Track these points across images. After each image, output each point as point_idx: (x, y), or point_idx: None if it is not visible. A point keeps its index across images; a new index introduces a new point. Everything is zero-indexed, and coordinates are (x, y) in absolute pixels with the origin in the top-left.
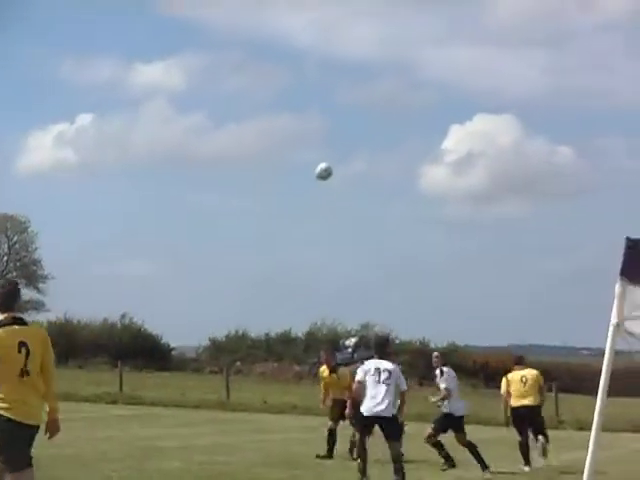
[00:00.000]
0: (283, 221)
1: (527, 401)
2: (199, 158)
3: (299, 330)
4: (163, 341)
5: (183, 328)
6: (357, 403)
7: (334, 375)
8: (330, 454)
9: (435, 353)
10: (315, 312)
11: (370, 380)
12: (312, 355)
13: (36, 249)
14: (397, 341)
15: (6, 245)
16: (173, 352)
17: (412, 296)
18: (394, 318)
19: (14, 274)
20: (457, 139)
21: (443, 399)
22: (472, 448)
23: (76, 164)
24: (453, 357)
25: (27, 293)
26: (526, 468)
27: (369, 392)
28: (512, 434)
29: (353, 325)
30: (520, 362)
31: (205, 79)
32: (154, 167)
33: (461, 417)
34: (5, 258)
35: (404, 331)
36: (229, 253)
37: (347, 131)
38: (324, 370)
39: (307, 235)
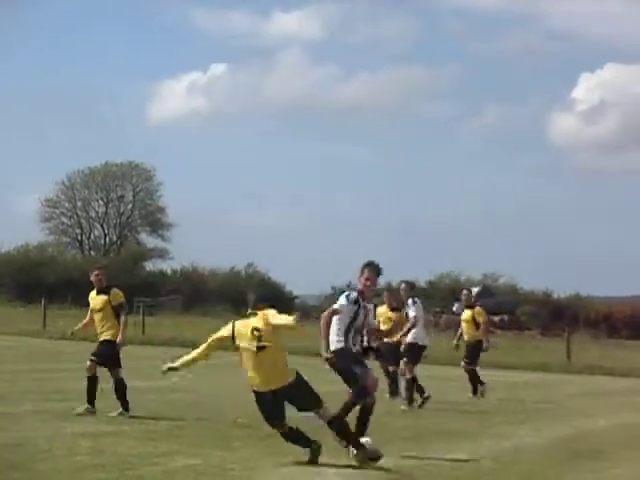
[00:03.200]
0: (411, 172)
1: None
2: (331, 108)
3: (422, 279)
4: (286, 289)
5: (307, 277)
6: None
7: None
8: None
9: (402, 285)
10: (437, 263)
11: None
12: (434, 304)
13: (160, 197)
14: (520, 291)
15: (131, 193)
16: (296, 300)
17: (537, 246)
18: (518, 268)
19: (138, 222)
20: (587, 88)
21: (411, 327)
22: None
23: (208, 113)
24: (576, 307)
25: (151, 241)
26: None
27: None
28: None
29: (476, 275)
30: None
31: (340, 29)
32: (286, 117)
33: (423, 347)
34: (130, 206)
35: (527, 281)
36: (356, 203)
37: (477, 82)
38: (385, 312)
39: (435, 187)
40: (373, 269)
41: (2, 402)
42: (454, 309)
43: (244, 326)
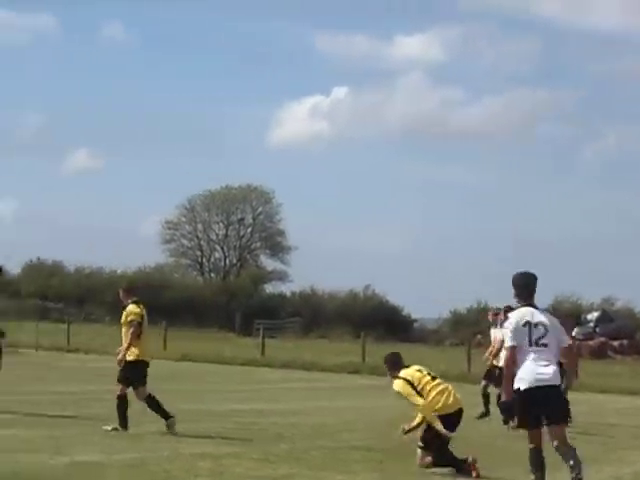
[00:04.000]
0: (527, 195)
1: None
2: (452, 131)
3: (543, 304)
4: (404, 312)
5: (424, 300)
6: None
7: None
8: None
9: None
10: (555, 286)
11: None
12: None
13: (280, 220)
14: (638, 315)
15: (250, 216)
16: (414, 324)
17: None
18: (635, 292)
19: (258, 244)
20: None
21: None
22: None
23: (329, 136)
24: None
25: (271, 264)
26: None
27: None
28: None
29: (595, 299)
30: None
31: (461, 51)
32: (407, 140)
33: None
34: (250, 229)
35: None
36: (470, 227)
37: (599, 104)
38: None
39: (551, 210)
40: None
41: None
42: (573, 334)
43: None
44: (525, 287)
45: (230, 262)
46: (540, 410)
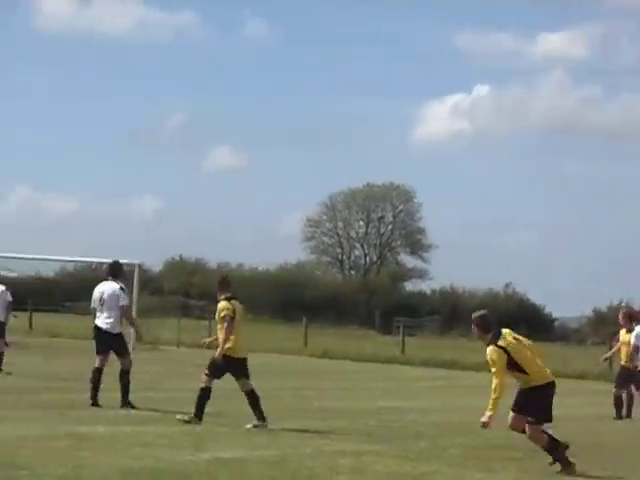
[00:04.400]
0: None
1: None
2: (594, 130)
3: None
4: (546, 311)
5: (566, 298)
6: None
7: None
8: None
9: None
10: None
11: None
12: None
13: (420, 218)
14: None
15: (391, 214)
16: (555, 322)
17: None
18: None
19: (398, 242)
20: None
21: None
22: None
23: (471, 135)
24: None
25: (411, 261)
26: None
27: None
28: None
29: None
30: None
31: (604, 49)
32: (548, 138)
33: None
34: (390, 226)
35: None
36: (612, 225)
37: None
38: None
39: None
40: None
41: None
42: None
43: None
44: None
45: (370, 260)
46: None
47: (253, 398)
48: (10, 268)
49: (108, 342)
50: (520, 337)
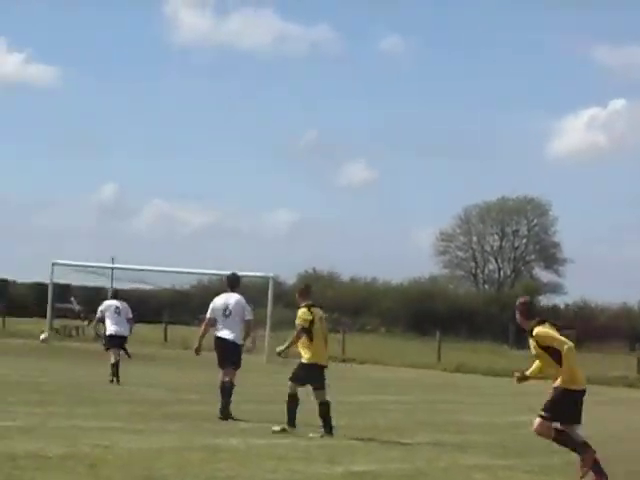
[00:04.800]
0: None
1: None
2: None
3: None
4: None
5: None
6: None
7: None
8: None
9: None
10: None
11: None
12: None
13: (555, 232)
14: None
15: (525, 227)
16: None
17: None
18: None
19: (532, 256)
20: None
21: None
22: None
23: (607, 149)
24: None
25: (545, 276)
26: None
27: None
28: None
29: None
30: None
31: None
32: None
33: None
34: (524, 240)
35: None
36: None
37: None
38: None
39: None
40: None
41: (398, 433)
42: None
43: None
44: None
45: (504, 274)
46: None
47: (325, 408)
48: (145, 281)
49: (232, 353)
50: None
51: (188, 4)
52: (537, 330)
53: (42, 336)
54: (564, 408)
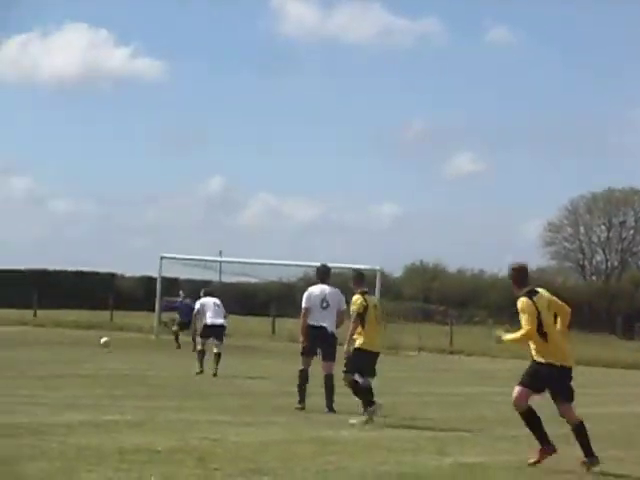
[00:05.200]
0: None
1: None
2: None
3: None
4: None
5: None
6: None
7: None
8: None
9: None
10: None
11: None
12: None
13: None
14: None
15: (633, 218)
16: None
17: None
18: None
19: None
20: None
21: None
22: None
23: None
24: None
25: None
26: None
27: None
28: None
29: None
30: None
31: None
32: None
33: None
34: (632, 231)
35: None
36: None
37: None
38: None
39: None
40: None
41: (505, 424)
42: None
43: None
44: None
45: (611, 265)
46: None
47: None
48: (250, 274)
49: (330, 344)
50: (559, 303)
51: None
52: (519, 301)
53: (103, 339)
54: (537, 379)
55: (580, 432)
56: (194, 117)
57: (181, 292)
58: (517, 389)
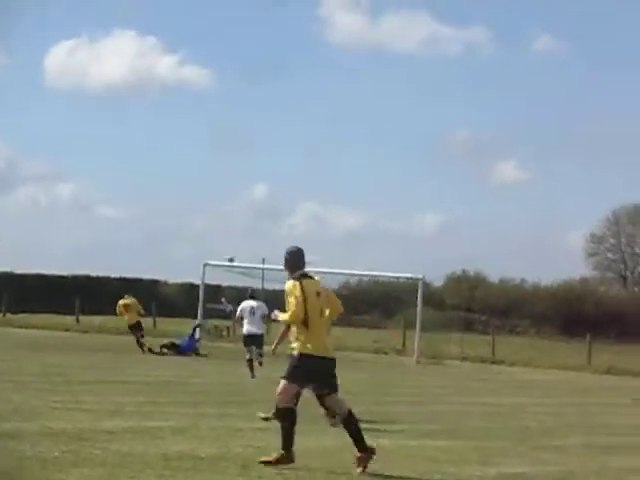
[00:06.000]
0: None
1: None
2: None
3: None
4: None
5: None
6: None
7: None
8: None
9: None
10: None
11: None
12: None
13: None
14: None
15: None
16: None
17: None
18: None
19: None
20: None
21: None
22: None
23: None
24: None
25: None
26: None
27: None
28: None
29: None
30: None
31: None
32: None
33: None
34: None
35: None
36: None
37: None
38: None
39: None
40: None
41: (549, 435)
42: None
43: None
44: None
45: None
46: None
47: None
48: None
49: None
50: (333, 298)
51: (342, 6)
52: (287, 284)
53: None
54: (303, 373)
55: (350, 422)
56: (240, 125)
57: (223, 299)
58: (282, 383)
